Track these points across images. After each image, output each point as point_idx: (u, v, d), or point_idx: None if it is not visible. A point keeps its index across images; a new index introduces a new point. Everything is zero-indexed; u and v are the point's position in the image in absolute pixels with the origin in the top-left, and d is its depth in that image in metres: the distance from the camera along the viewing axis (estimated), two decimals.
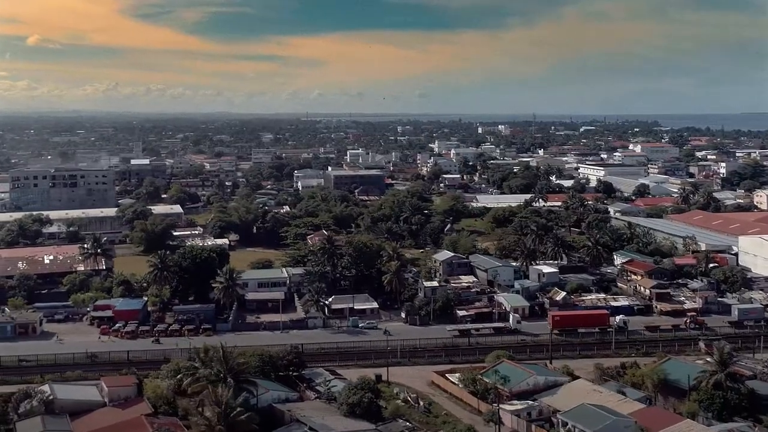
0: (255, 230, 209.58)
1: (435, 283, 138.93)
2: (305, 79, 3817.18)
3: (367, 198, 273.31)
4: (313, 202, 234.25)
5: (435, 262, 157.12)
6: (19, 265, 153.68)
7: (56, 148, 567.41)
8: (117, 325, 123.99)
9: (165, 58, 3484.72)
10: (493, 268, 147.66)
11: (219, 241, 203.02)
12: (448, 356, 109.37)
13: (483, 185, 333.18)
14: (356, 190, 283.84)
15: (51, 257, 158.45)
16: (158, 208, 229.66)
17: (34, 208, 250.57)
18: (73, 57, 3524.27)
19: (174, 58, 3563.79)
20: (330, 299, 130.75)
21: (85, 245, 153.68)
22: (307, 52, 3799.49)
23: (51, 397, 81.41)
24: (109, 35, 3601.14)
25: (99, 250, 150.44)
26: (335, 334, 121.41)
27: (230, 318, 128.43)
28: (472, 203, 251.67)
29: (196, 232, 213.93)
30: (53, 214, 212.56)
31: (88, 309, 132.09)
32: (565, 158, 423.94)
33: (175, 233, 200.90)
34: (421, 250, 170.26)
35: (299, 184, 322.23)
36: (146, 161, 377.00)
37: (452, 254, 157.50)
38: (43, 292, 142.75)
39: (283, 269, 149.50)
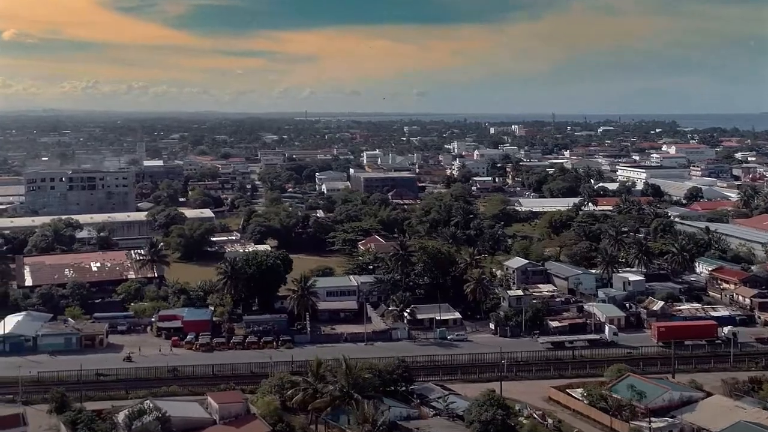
0: (294, 236, 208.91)
1: (519, 292, 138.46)
2: (297, 76, 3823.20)
3: (402, 201, 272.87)
4: (352, 206, 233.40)
5: (507, 269, 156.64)
6: (66, 272, 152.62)
7: (48, 149, 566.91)
8: (188, 336, 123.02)
9: (147, 53, 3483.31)
10: (575, 276, 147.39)
11: (260, 248, 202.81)
12: (557, 370, 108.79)
13: (518, 188, 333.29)
14: (389, 193, 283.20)
15: (98, 264, 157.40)
16: (188, 213, 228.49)
17: (50, 211, 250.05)
18: (49, 52, 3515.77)
19: (157, 53, 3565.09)
20: (407, 309, 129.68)
21: (141, 251, 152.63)
22: (298, 47, 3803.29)
23: (168, 415, 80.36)
24: (88, 29, 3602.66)
25: (156, 257, 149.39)
26: (423, 347, 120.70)
27: (307, 329, 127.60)
28: (514, 207, 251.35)
29: (233, 237, 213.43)
30: (80, 219, 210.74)
31: (153, 319, 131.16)
32: (597, 160, 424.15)
33: (212, 239, 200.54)
34: (478, 257, 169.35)
35: (323, 186, 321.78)
36: (160, 163, 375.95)
37: (526, 261, 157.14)
38: (97, 301, 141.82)
39: (351, 277, 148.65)
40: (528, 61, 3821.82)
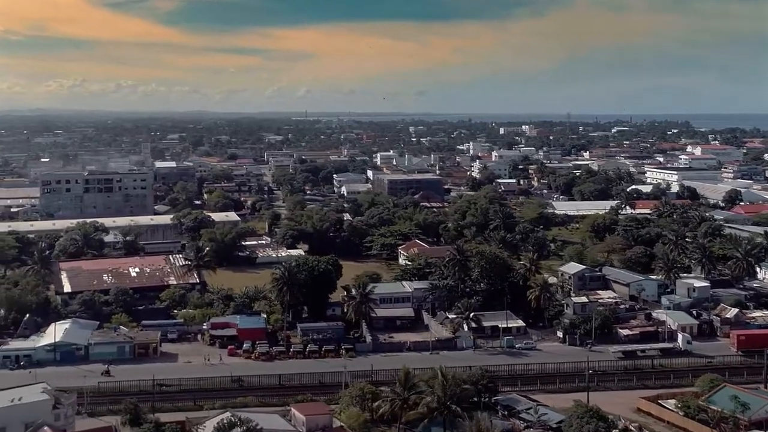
0: (327, 240, 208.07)
1: (584, 299, 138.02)
2: (291, 74, 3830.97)
3: (429, 204, 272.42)
4: (383, 209, 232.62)
5: (562, 274, 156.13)
6: (105, 278, 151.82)
7: (46, 150, 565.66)
8: (245, 345, 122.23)
9: (136, 51, 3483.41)
10: (636, 282, 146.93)
11: (293, 252, 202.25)
12: (639, 380, 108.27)
13: (544, 191, 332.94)
14: (415, 196, 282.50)
15: (137, 269, 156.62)
16: (214, 216, 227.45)
17: (65, 214, 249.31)
18: (35, 50, 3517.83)
19: (146, 51, 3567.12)
20: (467, 315, 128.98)
21: (180, 256, 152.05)
22: (293, 44, 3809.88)
23: (260, 428, 79.48)
24: (75, 26, 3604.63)
25: (201, 262, 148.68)
26: (491, 356, 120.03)
27: (366, 337, 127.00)
28: (553, 211, 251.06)
29: (263, 241, 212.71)
30: (104, 222, 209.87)
31: (204, 327, 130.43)
32: (624, 162, 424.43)
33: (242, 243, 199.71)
34: (538, 262, 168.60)
35: (343, 189, 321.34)
36: (172, 164, 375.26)
37: (583, 267, 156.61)
38: (140, 308, 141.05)
39: (404, 283, 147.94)
40: (531, 59, 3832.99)
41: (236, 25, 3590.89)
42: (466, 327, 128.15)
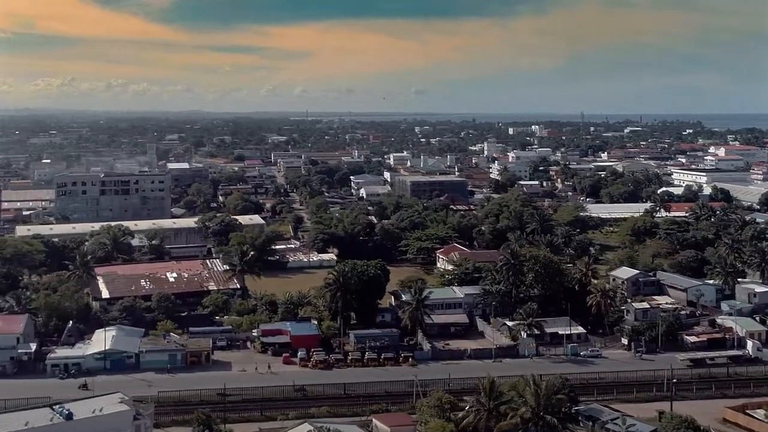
0: (358, 244, 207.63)
1: (645, 305, 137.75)
2: (287, 73, 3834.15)
3: (454, 206, 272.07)
4: (413, 212, 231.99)
5: (614, 279, 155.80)
6: (142, 283, 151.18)
7: (43, 151, 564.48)
8: (300, 353, 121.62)
9: (128, 49, 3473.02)
10: (694, 288, 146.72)
11: (325, 257, 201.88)
12: (718, 389, 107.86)
13: (569, 193, 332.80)
14: (439, 198, 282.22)
15: (174, 275, 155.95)
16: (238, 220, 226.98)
17: (81, 217, 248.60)
18: (23, 48, 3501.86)
19: (138, 49, 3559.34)
20: (530, 322, 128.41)
21: (230, 261, 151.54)
22: (289, 42, 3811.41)
23: None
24: (65, 23, 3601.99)
25: (246, 267, 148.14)
26: (556, 364, 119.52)
27: (423, 344, 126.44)
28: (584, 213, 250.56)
29: (292, 245, 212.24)
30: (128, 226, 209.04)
31: (254, 333, 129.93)
32: (649, 163, 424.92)
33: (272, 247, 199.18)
34: (594, 267, 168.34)
35: (362, 191, 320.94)
36: (185, 165, 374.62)
37: (637, 271, 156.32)
38: (183, 314, 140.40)
39: (454, 288, 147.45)
40: (534, 57, 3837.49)
41: (231, 22, 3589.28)
42: (524, 334, 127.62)
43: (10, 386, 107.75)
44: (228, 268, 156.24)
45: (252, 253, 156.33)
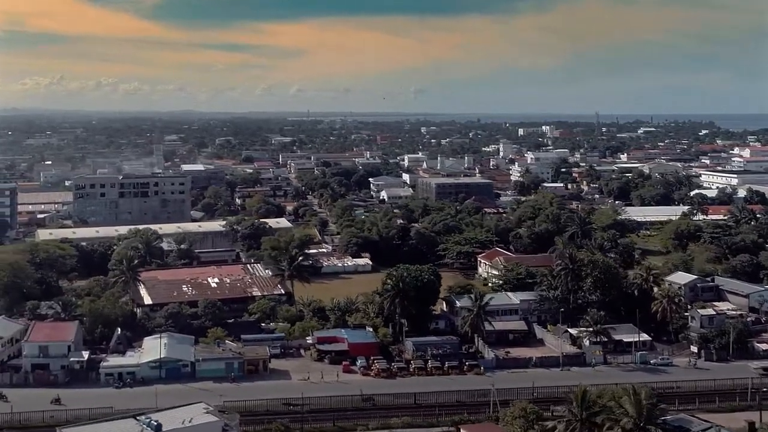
0: (393, 248, 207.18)
1: (710, 311, 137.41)
2: (282, 72, 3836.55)
3: (486, 210, 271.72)
4: (446, 215, 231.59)
5: (670, 284, 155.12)
6: (184, 289, 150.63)
7: (41, 152, 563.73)
8: (359, 361, 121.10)
9: (118, 47, 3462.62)
10: (757, 293, 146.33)
11: (360, 261, 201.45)
12: None
13: (596, 195, 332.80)
14: (467, 201, 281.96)
15: (216, 280, 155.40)
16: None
17: (99, 220, 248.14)
18: (10, 46, 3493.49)
19: (128, 47, 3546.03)
20: (598, 329, 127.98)
21: (280, 266, 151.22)
22: (284, 40, 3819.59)
23: None
24: (52, 20, 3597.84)
25: (295, 272, 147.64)
26: (626, 372, 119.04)
27: (484, 352, 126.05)
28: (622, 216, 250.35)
29: (323, 249, 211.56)
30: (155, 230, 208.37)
31: (308, 341, 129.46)
32: (676, 165, 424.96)
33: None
34: (656, 272, 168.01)
35: (383, 193, 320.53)
36: (200, 167, 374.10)
37: (694, 276, 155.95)
38: (230, 321, 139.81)
39: (509, 294, 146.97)
40: (537, 56, 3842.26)
41: (224, 19, 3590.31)
42: (587, 341, 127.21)
43: (66, 396, 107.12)
44: (273, 273, 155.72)
45: (300, 257, 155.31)
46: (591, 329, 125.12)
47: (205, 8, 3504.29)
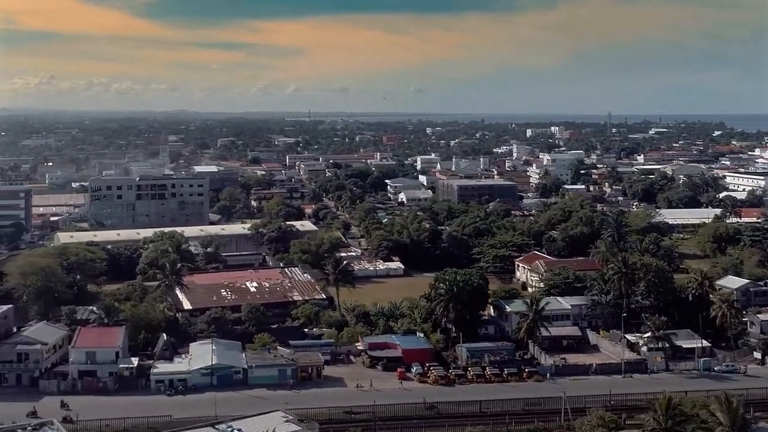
0: (424, 252, 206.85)
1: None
2: (278, 71, 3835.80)
3: (515, 213, 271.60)
4: (476, 218, 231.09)
5: (721, 289, 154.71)
6: (223, 293, 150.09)
7: (41, 153, 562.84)
8: (415, 368, 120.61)
9: (109, 45, 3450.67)
10: None
11: (391, 265, 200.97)
12: None
13: (620, 198, 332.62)
14: (491, 203, 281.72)
15: (255, 284, 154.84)
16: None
17: (115, 223, 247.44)
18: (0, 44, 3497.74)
19: (120, 45, 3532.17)
20: (661, 335, 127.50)
21: (325, 269, 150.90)
22: (280, 38, 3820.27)
23: None
24: (43, 18, 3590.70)
25: (340, 276, 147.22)
26: (690, 380, 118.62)
27: (541, 358, 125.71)
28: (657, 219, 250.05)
29: (353, 253, 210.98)
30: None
31: (359, 347, 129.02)
32: (696, 166, 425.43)
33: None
34: (711, 276, 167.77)
35: (402, 195, 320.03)
36: (213, 168, 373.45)
37: (746, 281, 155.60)
38: (273, 326, 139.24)
39: (559, 299, 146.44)
40: (540, 55, 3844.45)
41: (219, 17, 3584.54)
42: (645, 348, 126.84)
43: (119, 404, 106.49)
44: (314, 278, 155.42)
45: (345, 262, 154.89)
46: (653, 335, 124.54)
47: (200, 6, 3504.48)
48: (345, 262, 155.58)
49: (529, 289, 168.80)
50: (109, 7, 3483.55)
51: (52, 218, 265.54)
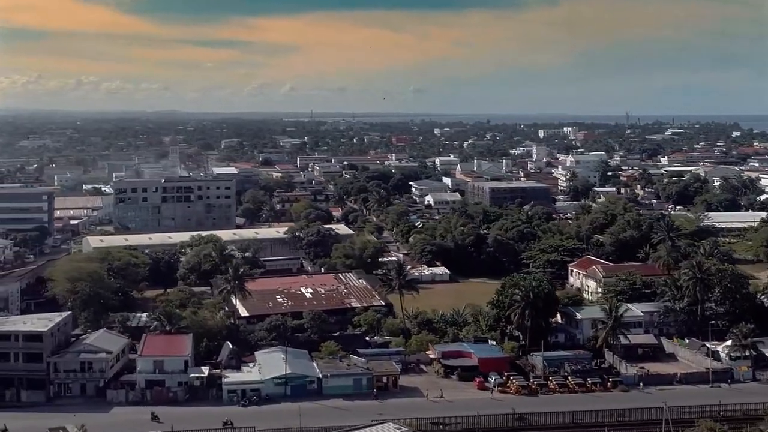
0: (467, 257, 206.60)
1: None
2: (274, 69, 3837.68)
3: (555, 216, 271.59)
4: (518, 221, 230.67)
5: None
6: (279, 299, 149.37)
7: (40, 155, 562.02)
8: (494, 377, 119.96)
9: (99, 43, 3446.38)
10: None
11: (437, 270, 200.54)
12: None
13: (653, 200, 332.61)
14: (525, 206, 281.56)
15: (310, 290, 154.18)
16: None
17: (140, 227, 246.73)
18: None
19: (110, 43, 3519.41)
20: (749, 343, 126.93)
21: (388, 275, 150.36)
22: (276, 36, 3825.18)
23: None
24: (30, 15, 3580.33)
25: (403, 282, 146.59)
26: None
27: (620, 367, 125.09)
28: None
29: (394, 258, 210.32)
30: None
31: (431, 355, 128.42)
32: (735, 168, 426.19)
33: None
34: None
35: (428, 198, 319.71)
36: (233, 170, 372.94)
37: None
38: (335, 334, 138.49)
39: (630, 306, 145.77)
40: (544, 53, 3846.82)
41: (212, 14, 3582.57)
42: (727, 357, 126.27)
43: (196, 415, 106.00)
44: (366, 283, 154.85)
45: (409, 267, 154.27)
46: (739, 343, 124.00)
47: (192, 2, 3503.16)
48: (409, 267, 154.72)
49: (585, 295, 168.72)
50: (97, 4, 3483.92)
51: (71, 221, 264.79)
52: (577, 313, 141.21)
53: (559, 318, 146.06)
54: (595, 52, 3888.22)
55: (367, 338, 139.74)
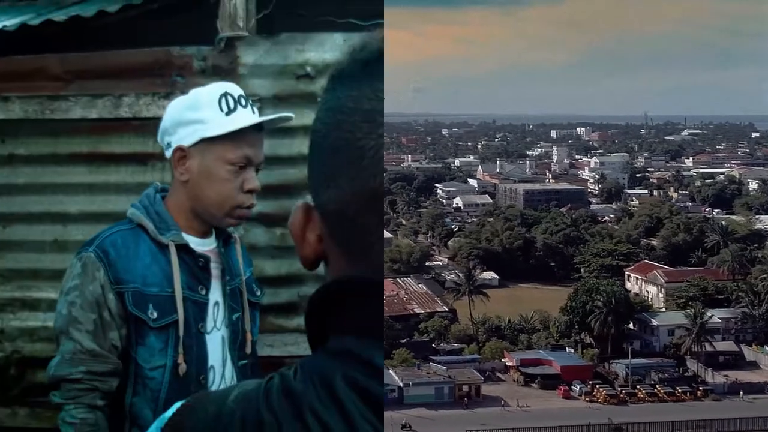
0: (512, 260, 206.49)
1: None
2: None
3: (600, 219, 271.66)
4: (562, 224, 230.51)
5: None
6: None
7: None
8: (579, 386, 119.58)
9: None
10: None
11: (486, 276, 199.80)
12: None
13: (688, 203, 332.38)
14: (562, 209, 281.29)
15: None
16: None
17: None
18: None
19: None
20: None
21: (458, 280, 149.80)
22: None
23: None
24: None
25: (473, 287, 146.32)
26: None
27: (706, 375, 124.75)
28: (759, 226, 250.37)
29: (439, 262, 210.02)
30: None
31: (508, 363, 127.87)
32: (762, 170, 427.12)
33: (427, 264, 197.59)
34: None
35: (457, 200, 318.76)
36: None
37: None
38: (403, 341, 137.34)
39: (707, 311, 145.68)
40: (548, 51, 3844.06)
41: None
42: None
43: None
44: (426, 288, 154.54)
45: (479, 270, 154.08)
46: None
47: None
48: (479, 271, 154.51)
49: (672, 301, 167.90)
50: None
51: None
52: (652, 320, 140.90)
53: (631, 325, 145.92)
54: (600, 50, 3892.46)
55: (434, 345, 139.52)
